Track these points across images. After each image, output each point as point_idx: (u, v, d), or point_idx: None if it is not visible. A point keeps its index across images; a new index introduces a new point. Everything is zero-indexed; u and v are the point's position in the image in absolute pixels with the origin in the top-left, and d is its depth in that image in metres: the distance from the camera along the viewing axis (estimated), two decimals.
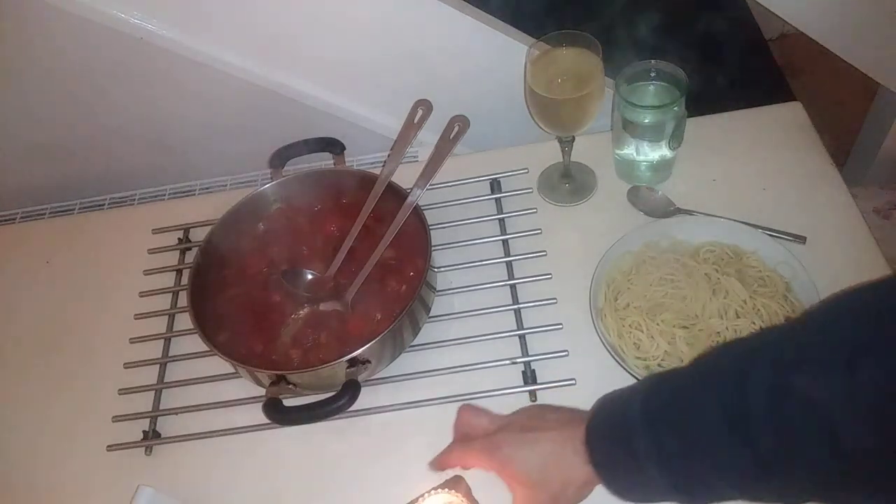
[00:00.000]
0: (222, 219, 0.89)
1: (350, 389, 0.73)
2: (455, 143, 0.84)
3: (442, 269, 0.89)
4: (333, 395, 0.72)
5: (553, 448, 0.60)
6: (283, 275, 0.84)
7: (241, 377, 0.83)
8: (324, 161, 0.99)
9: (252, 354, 0.81)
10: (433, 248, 0.84)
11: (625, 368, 0.75)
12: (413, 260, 0.84)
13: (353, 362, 0.75)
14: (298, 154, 0.93)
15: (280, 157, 0.92)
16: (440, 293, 0.88)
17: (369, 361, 0.77)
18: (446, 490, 0.64)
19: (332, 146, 0.93)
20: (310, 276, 0.85)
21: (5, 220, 1.16)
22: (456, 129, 0.85)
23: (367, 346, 0.75)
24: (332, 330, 0.82)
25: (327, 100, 1.13)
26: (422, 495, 0.64)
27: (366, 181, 0.88)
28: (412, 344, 0.83)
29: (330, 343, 0.81)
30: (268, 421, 0.76)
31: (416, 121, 0.87)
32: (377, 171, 0.88)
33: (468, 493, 0.65)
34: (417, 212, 0.84)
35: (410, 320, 0.81)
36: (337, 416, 0.74)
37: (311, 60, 1.08)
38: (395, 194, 0.86)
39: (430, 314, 0.85)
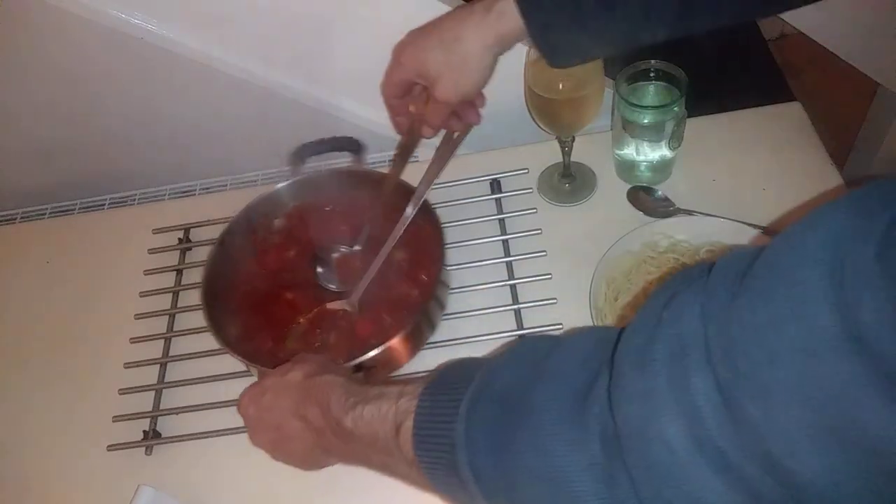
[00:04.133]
0: (237, 216, 0.88)
1: None
2: (457, 144, 0.84)
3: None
4: None
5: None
6: (318, 253, 0.86)
7: (241, 377, 0.83)
8: (333, 162, 0.98)
9: (261, 353, 0.80)
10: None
11: None
12: (424, 262, 0.84)
13: (358, 368, 0.75)
14: (319, 152, 0.92)
15: (300, 155, 0.91)
16: None
17: (374, 367, 0.77)
18: None
19: (352, 146, 0.93)
20: (342, 250, 0.87)
21: (5, 220, 1.16)
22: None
23: (373, 353, 0.74)
24: (342, 331, 0.82)
25: (328, 100, 1.12)
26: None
27: (381, 182, 0.87)
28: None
29: (339, 344, 0.81)
30: None
31: None
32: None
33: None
34: (428, 211, 0.83)
35: (416, 328, 0.81)
36: None
37: (312, 61, 1.08)
38: (408, 195, 0.84)
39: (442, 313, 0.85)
